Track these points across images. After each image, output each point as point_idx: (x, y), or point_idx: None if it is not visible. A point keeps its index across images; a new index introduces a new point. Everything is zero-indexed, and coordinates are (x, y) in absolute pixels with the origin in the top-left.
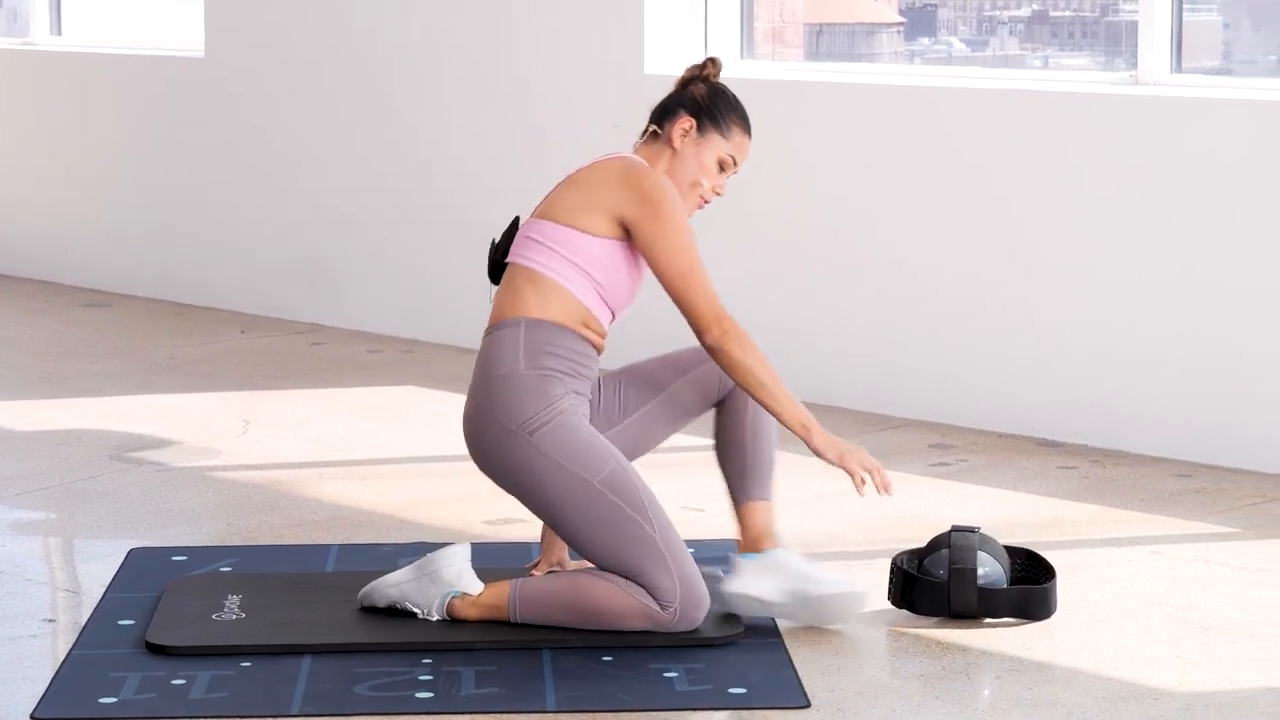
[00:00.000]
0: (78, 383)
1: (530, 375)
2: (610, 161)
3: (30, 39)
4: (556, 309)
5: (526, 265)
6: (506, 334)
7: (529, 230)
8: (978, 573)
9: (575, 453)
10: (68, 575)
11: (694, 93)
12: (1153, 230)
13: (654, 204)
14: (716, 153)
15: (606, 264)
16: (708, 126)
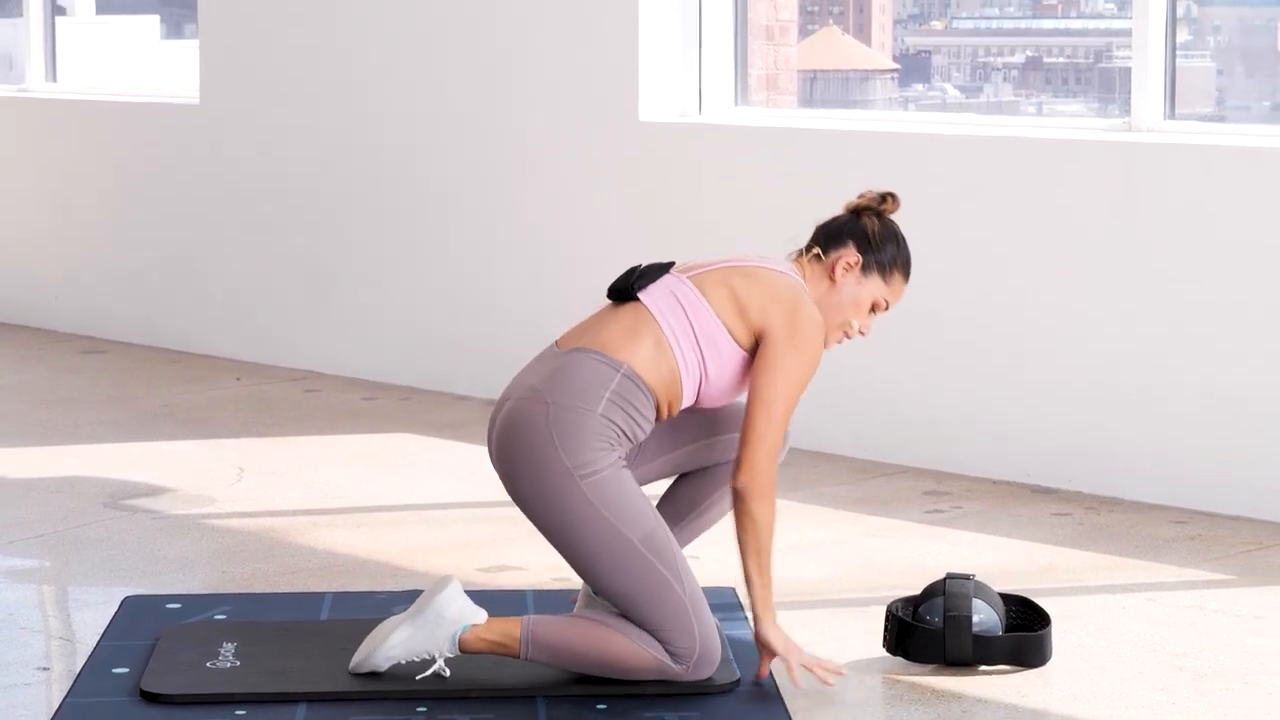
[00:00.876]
0: (72, 430)
1: (600, 423)
2: (787, 284)
3: (26, 86)
4: (657, 380)
5: (660, 325)
6: (604, 369)
7: (682, 291)
8: (973, 620)
9: (621, 507)
10: (62, 623)
11: (867, 227)
12: (1147, 277)
13: (799, 338)
14: (873, 295)
15: (725, 370)
16: (873, 268)
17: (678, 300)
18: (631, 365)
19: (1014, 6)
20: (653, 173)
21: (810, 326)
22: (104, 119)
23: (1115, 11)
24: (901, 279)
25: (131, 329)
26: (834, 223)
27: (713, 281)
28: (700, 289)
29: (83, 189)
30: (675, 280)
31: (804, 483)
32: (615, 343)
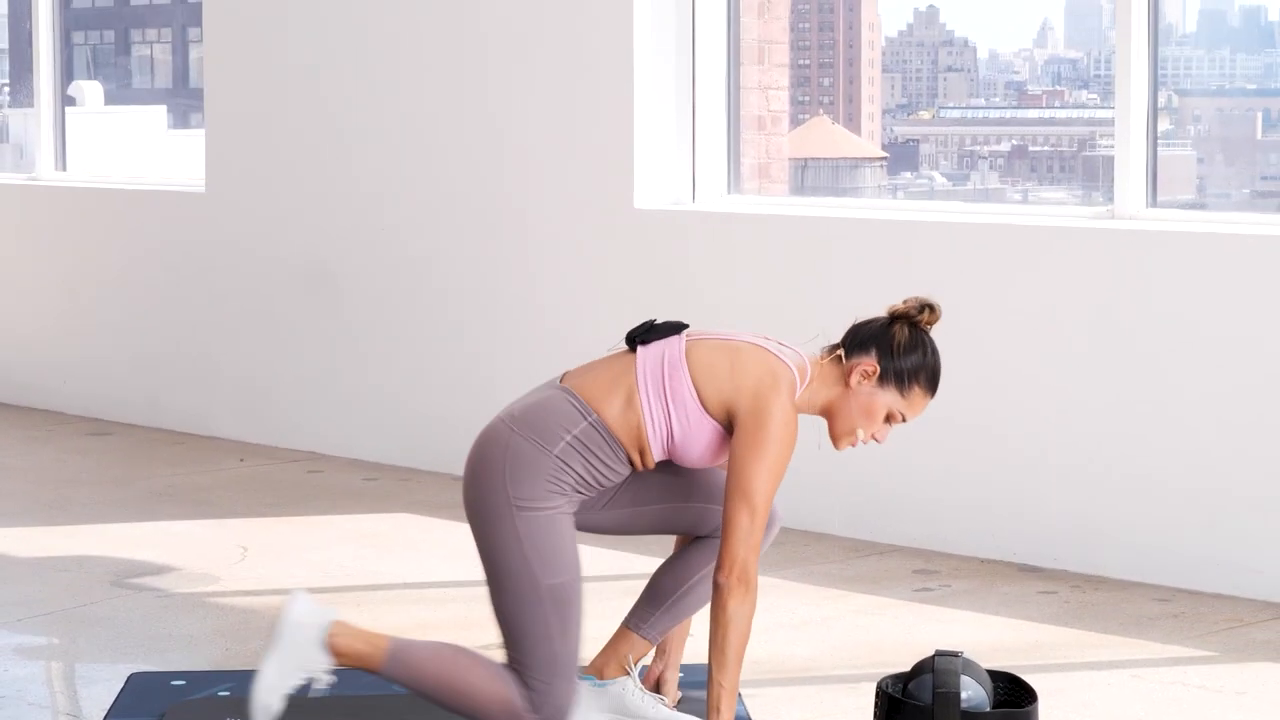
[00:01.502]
0: (79, 510)
1: (554, 463)
2: (769, 372)
3: (35, 175)
4: (624, 431)
5: (636, 379)
6: (573, 413)
7: (670, 351)
8: (961, 697)
9: (544, 550)
10: (69, 699)
11: (895, 336)
12: (1130, 361)
13: (768, 431)
14: (888, 405)
15: (693, 433)
16: (889, 380)
17: (663, 358)
18: (601, 415)
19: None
20: (648, 259)
21: (773, 418)
22: (112, 207)
23: (1098, 102)
24: (923, 393)
25: (137, 411)
26: (865, 326)
27: (704, 348)
28: (688, 352)
29: (91, 275)
30: (675, 340)
31: (797, 561)
32: (595, 391)
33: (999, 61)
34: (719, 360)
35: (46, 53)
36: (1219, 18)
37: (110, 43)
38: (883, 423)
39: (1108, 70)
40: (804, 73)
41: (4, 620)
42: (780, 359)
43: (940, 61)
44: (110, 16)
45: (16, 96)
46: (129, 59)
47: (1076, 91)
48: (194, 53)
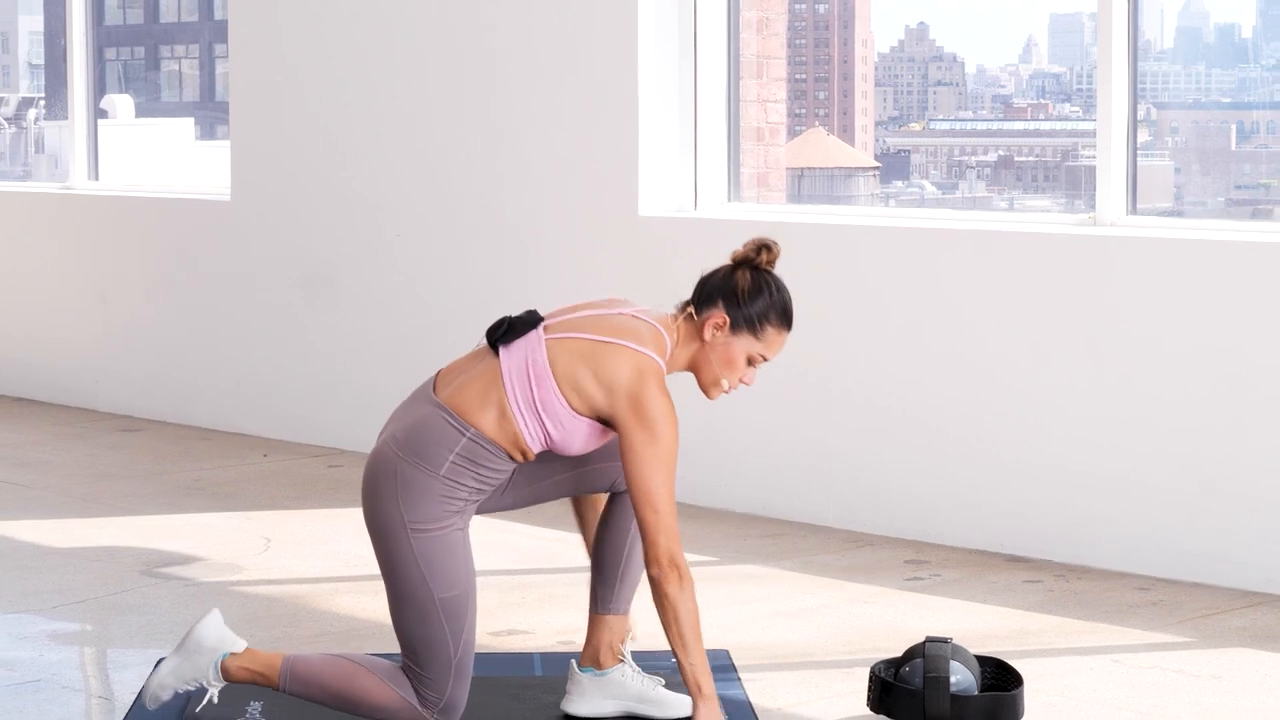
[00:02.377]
0: (111, 503)
1: (444, 483)
2: (632, 367)
3: (69, 184)
4: (504, 439)
5: (506, 393)
6: (452, 432)
7: (534, 358)
8: (950, 681)
9: (438, 567)
10: (101, 683)
11: (738, 284)
12: (1111, 362)
13: (650, 428)
14: (746, 350)
15: (569, 432)
16: (740, 327)
17: (527, 368)
18: (479, 429)
19: (987, 109)
20: (651, 264)
21: (656, 416)
22: (142, 214)
23: (1080, 114)
24: (776, 331)
25: (166, 409)
26: (710, 279)
27: (565, 353)
28: (551, 357)
29: (122, 279)
30: (535, 342)
31: (793, 552)
32: (468, 404)
33: (986, 76)
34: (582, 369)
35: (80, 68)
36: (1195, 34)
37: (140, 58)
38: (746, 366)
39: (1089, 84)
40: (800, 87)
41: (39, 607)
42: (640, 350)
43: (930, 76)
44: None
45: (52, 110)
46: (158, 74)
47: (1060, 104)
48: (220, 68)
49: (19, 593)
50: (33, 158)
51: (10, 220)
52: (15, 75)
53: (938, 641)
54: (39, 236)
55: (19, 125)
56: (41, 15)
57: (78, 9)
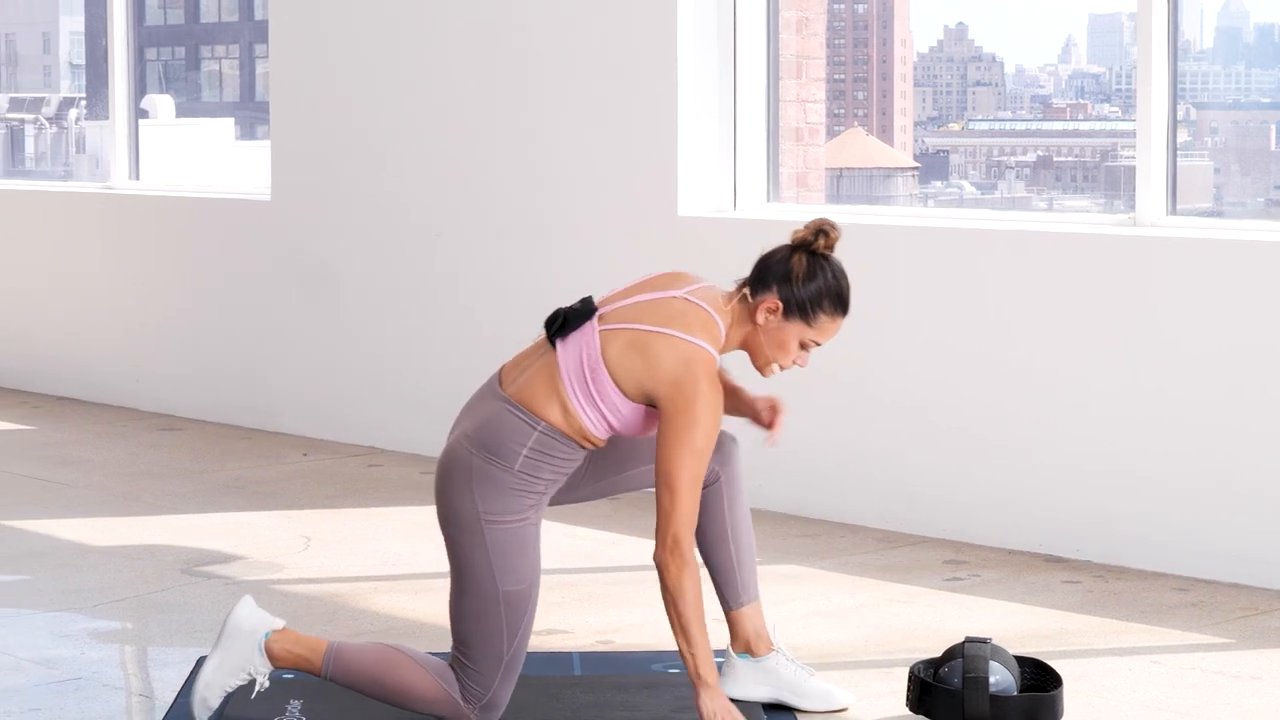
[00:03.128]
0: (151, 502)
1: (518, 478)
2: (680, 355)
3: (111, 184)
4: (571, 430)
5: (565, 388)
6: (522, 427)
7: (588, 351)
8: (990, 681)
9: (507, 559)
10: (142, 681)
11: (793, 268)
12: (1151, 362)
13: (688, 415)
14: (798, 335)
15: (628, 419)
16: (793, 312)
17: (583, 361)
18: (549, 422)
19: (1026, 109)
20: (690, 264)
21: (695, 405)
22: (182, 214)
23: (1120, 114)
24: (828, 318)
25: (206, 408)
26: (766, 261)
27: (618, 343)
28: (604, 348)
29: (162, 278)
30: (589, 335)
31: (832, 552)
32: (536, 399)
33: (1025, 76)
34: (633, 359)
35: (121, 69)
36: (1235, 34)
37: (181, 59)
38: (799, 350)
39: (1129, 84)
40: (840, 87)
41: (80, 606)
42: (689, 340)
43: (969, 76)
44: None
45: (93, 110)
46: (199, 74)
47: (1099, 105)
48: (260, 68)
49: (60, 591)
50: (74, 158)
51: (52, 220)
52: (57, 75)
53: (977, 642)
54: (80, 236)
55: (60, 125)
56: (83, 15)
57: (119, 9)
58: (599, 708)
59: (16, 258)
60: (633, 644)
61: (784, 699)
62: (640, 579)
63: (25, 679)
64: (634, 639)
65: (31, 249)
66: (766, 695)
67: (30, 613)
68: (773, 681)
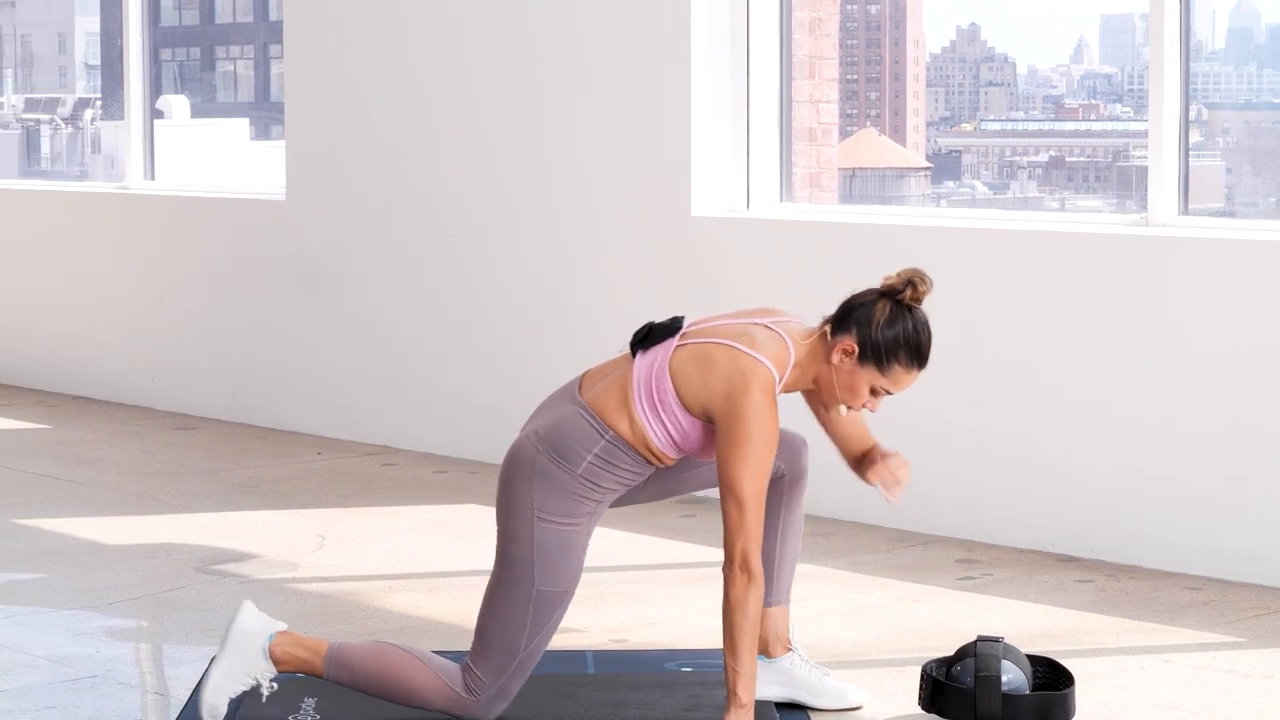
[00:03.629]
0: (166, 500)
1: (579, 482)
2: (732, 359)
3: (126, 184)
4: (638, 443)
5: (634, 401)
6: (591, 433)
7: (659, 366)
8: (1002, 680)
9: (550, 560)
10: (156, 679)
11: (875, 316)
12: (1162, 362)
13: (742, 428)
14: (870, 381)
15: (688, 433)
16: (868, 358)
17: (651, 372)
18: (617, 432)
19: (1038, 110)
20: (703, 264)
21: (746, 417)
22: (197, 214)
23: (1131, 115)
24: (903, 370)
25: (221, 407)
26: (852, 303)
27: (683, 355)
28: (673, 363)
29: (177, 278)
30: (666, 348)
31: (845, 551)
32: (608, 407)
33: (1037, 76)
34: (693, 369)
35: (136, 69)
36: (1247, 35)
37: (196, 59)
38: (869, 395)
39: (1140, 85)
40: (852, 87)
41: (96, 604)
42: (749, 353)
43: (981, 76)
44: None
45: (108, 110)
46: (214, 74)
47: (1111, 105)
48: (275, 68)
49: (75, 589)
50: (89, 158)
51: (67, 220)
52: (72, 76)
53: (989, 641)
54: (95, 236)
55: (76, 126)
56: (98, 16)
57: (134, 10)
58: (612, 706)
59: (32, 258)
60: (646, 642)
61: (798, 698)
62: (653, 578)
63: (41, 677)
64: (648, 637)
65: (47, 249)
66: (781, 695)
67: (45, 611)
68: (787, 681)
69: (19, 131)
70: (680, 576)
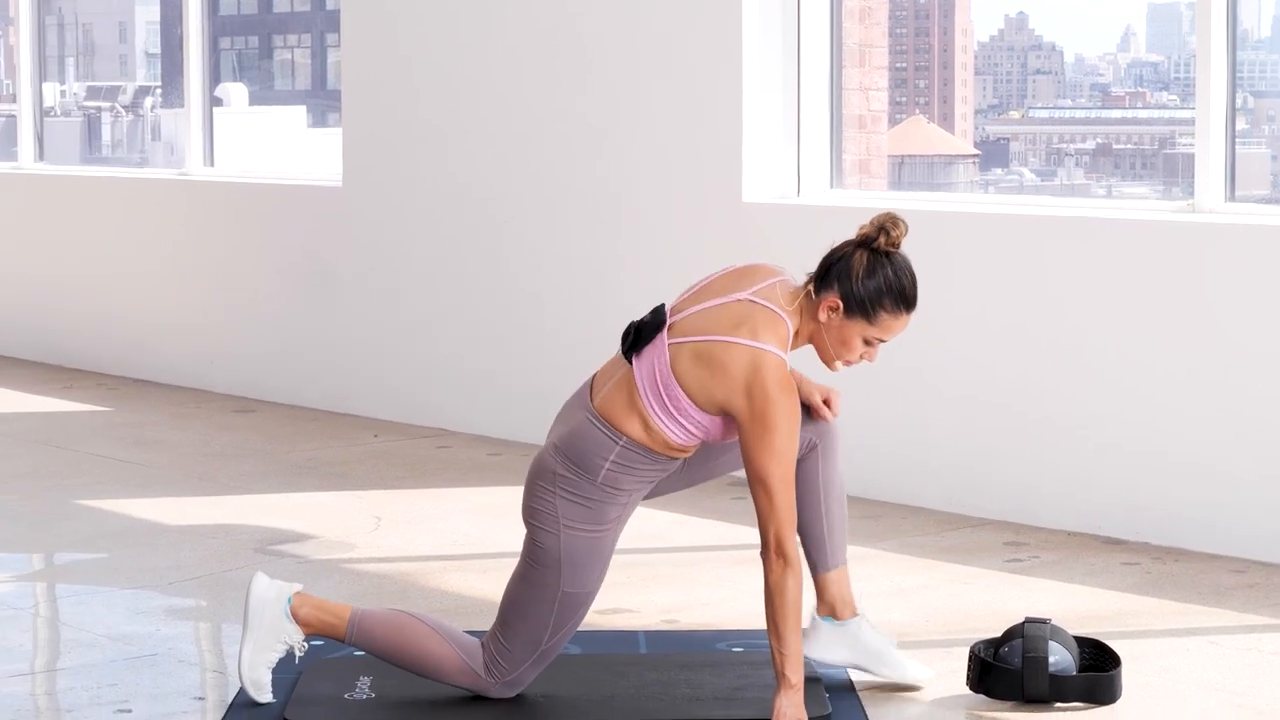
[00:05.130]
0: (226, 482)
1: (601, 490)
2: (744, 362)
3: (185, 170)
4: (656, 444)
5: (644, 405)
6: (605, 441)
7: (660, 367)
8: (1049, 661)
9: (577, 565)
10: (215, 657)
11: (854, 268)
12: (1209, 347)
13: (763, 421)
14: (860, 333)
15: (709, 428)
16: (854, 310)
17: (656, 377)
18: (630, 437)
19: (1085, 98)
20: (754, 249)
21: (770, 408)
22: (256, 200)
23: (1178, 103)
24: (890, 316)
25: (279, 391)
26: (831, 258)
27: (687, 357)
28: (674, 362)
29: (236, 262)
30: (660, 349)
31: (894, 533)
32: (617, 413)
33: (1085, 65)
34: (701, 371)
35: (195, 57)
36: None
37: (254, 48)
38: (863, 346)
39: (1187, 73)
40: (901, 75)
41: (156, 583)
42: (755, 346)
43: (1029, 65)
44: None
45: (168, 98)
46: (271, 63)
47: (1158, 93)
48: (332, 57)
49: (136, 569)
50: (149, 145)
51: (128, 206)
52: (133, 64)
53: (1037, 622)
54: (155, 221)
55: (136, 113)
56: (159, 6)
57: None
58: (663, 685)
59: (93, 243)
60: (697, 623)
61: (863, 664)
62: (704, 559)
63: (102, 655)
64: (699, 618)
65: (107, 234)
66: (847, 659)
67: (107, 590)
68: (854, 645)
69: (80, 119)
70: (731, 558)
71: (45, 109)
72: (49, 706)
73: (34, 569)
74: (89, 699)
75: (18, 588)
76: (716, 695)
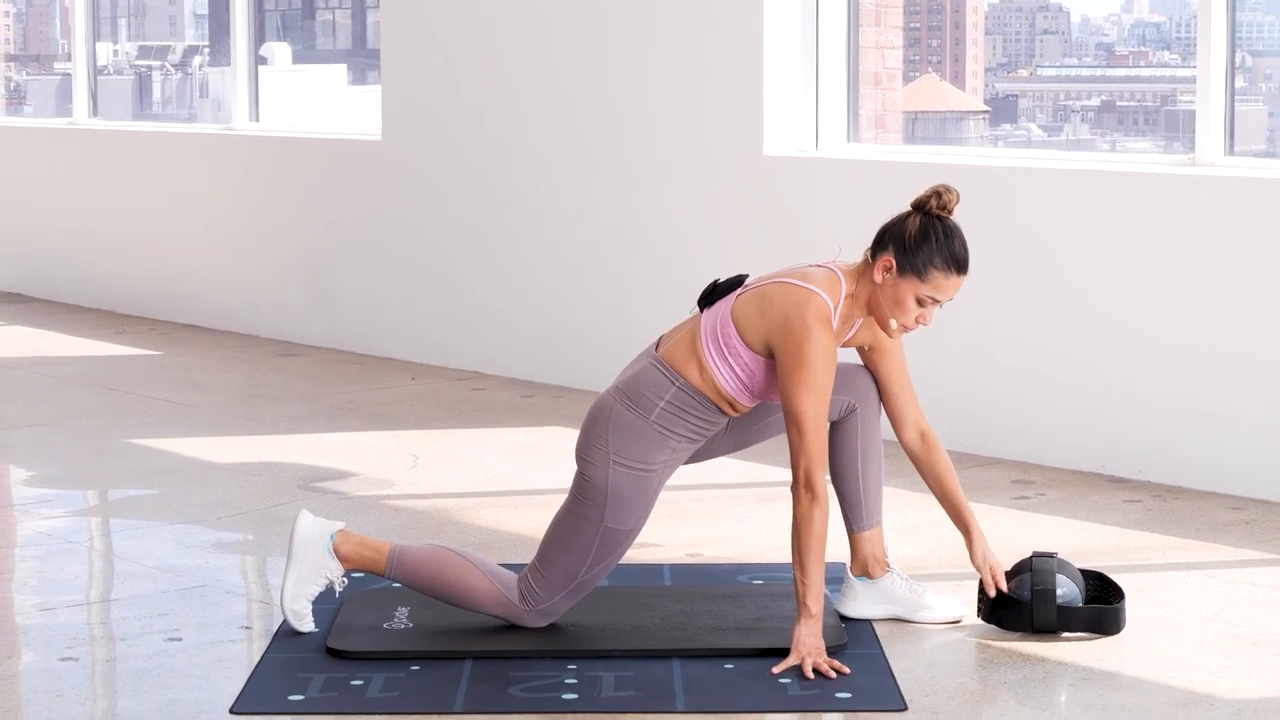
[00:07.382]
0: (271, 422)
1: (653, 429)
2: (789, 302)
3: (232, 125)
4: (709, 389)
5: (702, 348)
6: (663, 381)
7: (723, 313)
8: (1057, 593)
9: (621, 500)
10: (260, 588)
11: (907, 229)
12: (1209, 295)
13: (798, 353)
14: (914, 292)
15: (754, 371)
16: (906, 270)
17: (716, 322)
18: (686, 379)
19: (1090, 56)
20: (774, 201)
21: (803, 341)
22: (299, 154)
23: (1179, 61)
24: (941, 275)
25: (322, 335)
26: (887, 225)
27: (743, 299)
28: (735, 308)
29: (280, 213)
30: (728, 301)
31: (907, 472)
32: (679, 358)
33: (1090, 25)
34: (752, 309)
35: (242, 18)
36: None
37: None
38: (917, 307)
39: (1188, 33)
40: (915, 34)
41: (204, 518)
42: (803, 285)
43: (1037, 25)
44: None
45: (215, 57)
46: (314, 23)
47: (1160, 52)
48: (371, 17)
49: (186, 505)
50: (197, 102)
51: (177, 160)
52: (181, 24)
53: (1044, 556)
54: (203, 174)
55: (185, 71)
56: None
57: None
58: (686, 615)
59: (144, 195)
60: (720, 556)
61: (901, 614)
62: (726, 496)
63: (154, 586)
64: (721, 552)
65: (158, 187)
66: (883, 613)
67: (158, 524)
68: (888, 600)
69: (132, 77)
70: (753, 495)
71: (99, 67)
72: (104, 635)
73: (89, 505)
74: (141, 628)
75: (74, 523)
76: (737, 625)
